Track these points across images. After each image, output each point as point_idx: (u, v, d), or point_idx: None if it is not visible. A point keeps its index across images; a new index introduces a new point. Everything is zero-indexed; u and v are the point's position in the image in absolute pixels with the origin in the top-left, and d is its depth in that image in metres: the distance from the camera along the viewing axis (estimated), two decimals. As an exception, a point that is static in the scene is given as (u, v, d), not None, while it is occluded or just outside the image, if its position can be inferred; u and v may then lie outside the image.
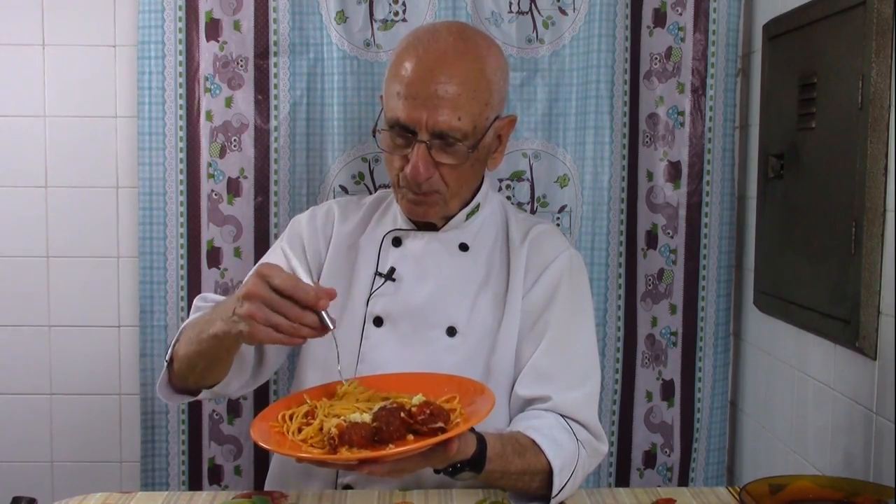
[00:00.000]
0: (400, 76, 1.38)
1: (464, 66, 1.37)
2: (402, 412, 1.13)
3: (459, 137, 1.37)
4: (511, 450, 1.31)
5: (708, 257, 2.01)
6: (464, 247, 1.49)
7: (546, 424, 1.38)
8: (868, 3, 1.43)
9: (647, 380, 2.06)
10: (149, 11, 1.92)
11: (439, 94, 1.35)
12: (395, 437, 1.10)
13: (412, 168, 1.36)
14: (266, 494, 1.35)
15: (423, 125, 1.35)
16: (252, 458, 2.02)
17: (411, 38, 1.43)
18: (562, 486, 1.33)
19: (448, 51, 1.38)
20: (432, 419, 1.11)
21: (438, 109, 1.35)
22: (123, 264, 2.06)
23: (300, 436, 1.15)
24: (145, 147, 1.95)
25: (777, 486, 1.24)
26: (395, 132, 1.39)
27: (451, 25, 1.45)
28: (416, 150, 1.36)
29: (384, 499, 1.32)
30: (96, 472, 2.09)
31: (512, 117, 1.50)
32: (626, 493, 1.36)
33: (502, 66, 1.46)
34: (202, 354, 1.29)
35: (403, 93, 1.36)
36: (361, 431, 1.10)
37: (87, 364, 2.07)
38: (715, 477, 2.05)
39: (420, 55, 1.38)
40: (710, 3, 1.95)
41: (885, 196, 1.42)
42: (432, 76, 1.35)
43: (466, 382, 1.27)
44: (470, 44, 1.40)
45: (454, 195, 1.43)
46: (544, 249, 1.50)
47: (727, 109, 1.98)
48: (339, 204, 1.62)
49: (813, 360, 1.66)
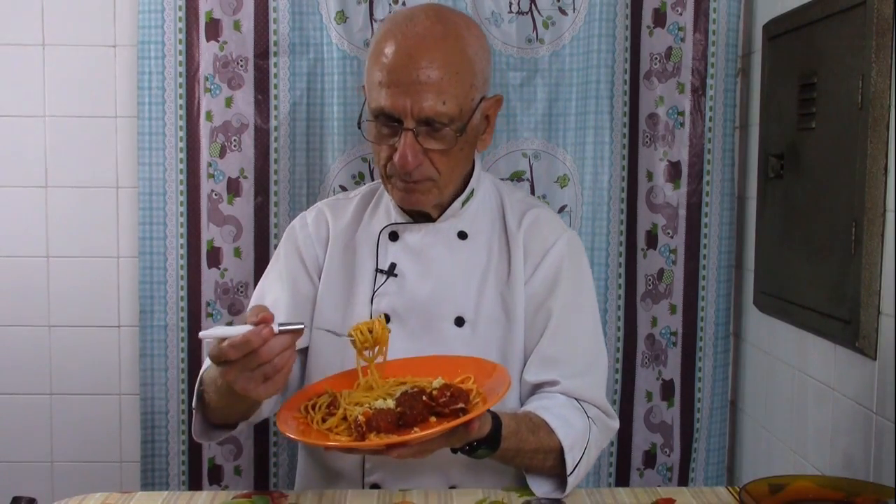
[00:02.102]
0: (380, 63, 1.35)
1: (444, 49, 1.35)
2: (423, 396, 1.18)
3: (446, 122, 1.35)
4: (525, 428, 1.33)
5: (708, 257, 2.01)
6: (462, 235, 1.48)
7: (556, 404, 1.40)
8: (868, 3, 1.43)
9: (647, 380, 2.06)
10: (149, 11, 1.92)
11: (422, 80, 1.32)
12: (418, 420, 1.16)
13: (400, 157, 1.35)
14: (266, 494, 1.35)
15: (407, 112, 1.33)
16: (252, 458, 2.02)
17: (388, 25, 1.40)
18: (575, 463, 1.35)
19: (427, 34, 1.35)
20: (453, 401, 1.17)
21: (422, 95, 1.32)
22: (123, 264, 2.06)
23: (325, 425, 1.19)
24: (145, 147, 1.95)
25: (777, 486, 1.24)
26: (381, 122, 1.37)
27: (428, 8, 1.42)
28: (403, 138, 1.34)
29: (384, 499, 1.32)
30: (96, 472, 2.09)
31: (498, 96, 1.47)
32: (626, 493, 1.36)
33: (484, 45, 1.43)
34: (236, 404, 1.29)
35: (385, 81, 1.34)
36: (387, 417, 1.14)
37: (87, 364, 2.07)
38: (715, 477, 2.05)
39: (399, 41, 1.35)
40: (710, 4, 1.95)
41: (885, 196, 1.42)
42: (413, 62, 1.33)
43: (480, 363, 1.30)
44: (449, 25, 1.38)
45: (447, 181, 1.42)
46: (542, 234, 1.48)
47: (727, 109, 1.98)
48: (327, 205, 1.59)
49: (813, 360, 1.66)
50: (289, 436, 1.17)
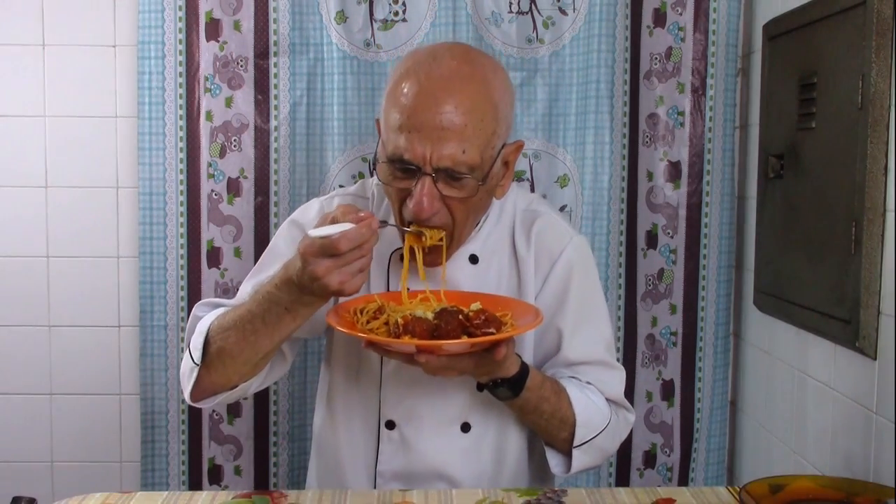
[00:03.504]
0: (400, 104, 1.26)
1: (469, 92, 1.25)
2: (460, 314, 1.24)
3: (466, 171, 1.26)
4: (549, 387, 1.35)
5: (708, 257, 2.01)
6: (474, 259, 1.44)
7: (580, 384, 1.41)
8: (868, 3, 1.43)
9: (647, 380, 2.06)
10: (149, 11, 1.92)
11: (444, 126, 1.23)
12: (451, 335, 1.21)
13: (416, 204, 1.26)
14: (266, 494, 1.35)
15: (427, 160, 1.24)
16: (252, 458, 2.02)
17: (410, 63, 1.29)
18: (583, 440, 1.36)
19: (452, 76, 1.26)
20: (486, 324, 1.22)
21: (443, 143, 1.24)
22: (123, 264, 2.06)
23: (368, 326, 1.27)
24: (145, 147, 1.95)
25: (777, 486, 1.24)
26: (397, 166, 1.28)
27: (454, 47, 1.34)
28: (420, 184, 1.26)
29: (384, 498, 1.32)
30: (96, 472, 2.09)
31: (519, 143, 1.38)
32: (626, 493, 1.36)
33: (509, 90, 1.35)
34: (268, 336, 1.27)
35: (405, 124, 1.24)
36: (423, 325, 1.21)
37: (87, 364, 2.07)
38: (715, 477, 2.05)
39: (421, 81, 1.25)
40: (710, 3, 1.95)
41: (885, 196, 1.42)
42: (436, 104, 1.23)
43: (523, 305, 1.36)
44: (476, 67, 1.29)
45: (462, 230, 1.35)
46: (549, 246, 1.44)
47: (727, 109, 1.98)
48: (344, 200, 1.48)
49: (813, 360, 1.66)
50: (337, 327, 1.24)
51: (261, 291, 1.27)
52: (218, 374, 1.33)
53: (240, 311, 1.28)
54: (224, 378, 1.34)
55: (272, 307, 1.24)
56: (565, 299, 1.43)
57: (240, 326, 1.27)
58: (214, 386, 1.35)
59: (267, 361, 1.35)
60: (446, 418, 1.41)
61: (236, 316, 1.28)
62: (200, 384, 1.34)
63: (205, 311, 1.40)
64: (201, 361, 1.31)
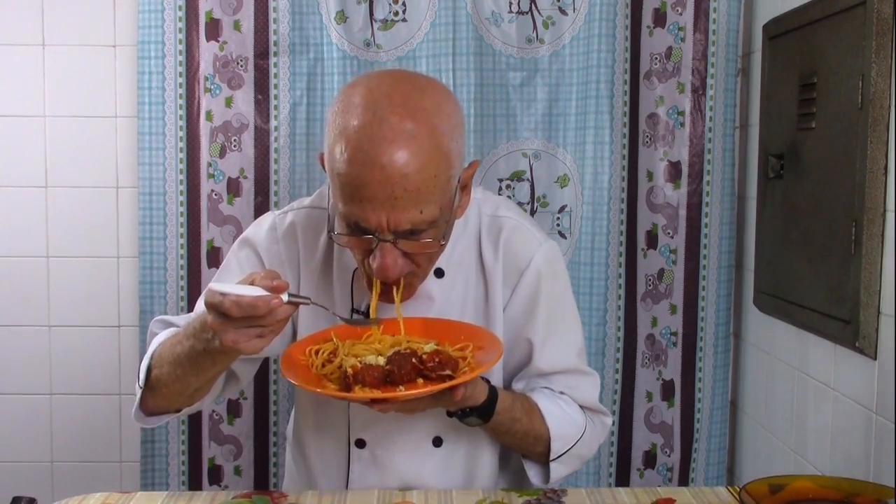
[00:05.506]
0: (346, 173, 1.16)
1: (416, 151, 1.16)
2: (413, 358, 1.21)
3: (427, 227, 1.21)
4: (520, 406, 1.34)
5: (708, 257, 2.01)
6: (439, 272, 1.39)
7: (553, 395, 1.40)
8: (868, 3, 1.43)
9: (647, 380, 2.06)
10: (149, 11, 1.92)
11: (396, 195, 1.15)
12: (405, 379, 1.19)
13: (379, 269, 1.21)
14: (266, 494, 1.34)
15: (384, 228, 1.18)
16: (252, 458, 2.02)
17: (350, 118, 1.18)
18: (559, 452, 1.37)
19: (396, 136, 1.15)
20: (441, 367, 1.20)
21: (398, 210, 1.17)
22: (123, 264, 2.06)
23: (323, 370, 1.25)
24: (145, 147, 1.95)
25: (777, 486, 1.23)
26: (353, 228, 1.21)
27: (393, 93, 1.19)
28: (380, 250, 1.20)
29: (384, 498, 1.32)
30: (96, 472, 2.09)
31: (473, 163, 1.31)
32: (626, 492, 1.36)
33: (458, 120, 1.24)
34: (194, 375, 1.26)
35: (356, 195, 1.17)
36: (374, 373, 1.19)
37: (87, 364, 2.07)
38: (715, 477, 2.05)
39: (364, 147, 1.15)
40: (710, 3, 1.95)
41: (885, 196, 1.42)
42: (383, 173, 1.15)
43: (480, 332, 1.33)
44: (418, 117, 1.18)
45: (427, 271, 1.31)
46: (518, 253, 1.40)
47: (727, 109, 1.98)
48: (299, 221, 1.42)
49: (813, 360, 1.66)
50: (287, 377, 1.22)
51: (190, 325, 1.24)
52: (158, 399, 1.33)
53: (174, 342, 1.26)
54: (165, 402, 1.33)
55: (195, 346, 1.20)
56: (535, 310, 1.39)
57: (171, 360, 1.26)
58: (159, 408, 1.35)
59: (203, 393, 1.34)
60: (417, 435, 1.40)
61: (171, 346, 1.27)
62: (146, 405, 1.34)
63: (160, 327, 1.38)
64: (144, 385, 1.31)
